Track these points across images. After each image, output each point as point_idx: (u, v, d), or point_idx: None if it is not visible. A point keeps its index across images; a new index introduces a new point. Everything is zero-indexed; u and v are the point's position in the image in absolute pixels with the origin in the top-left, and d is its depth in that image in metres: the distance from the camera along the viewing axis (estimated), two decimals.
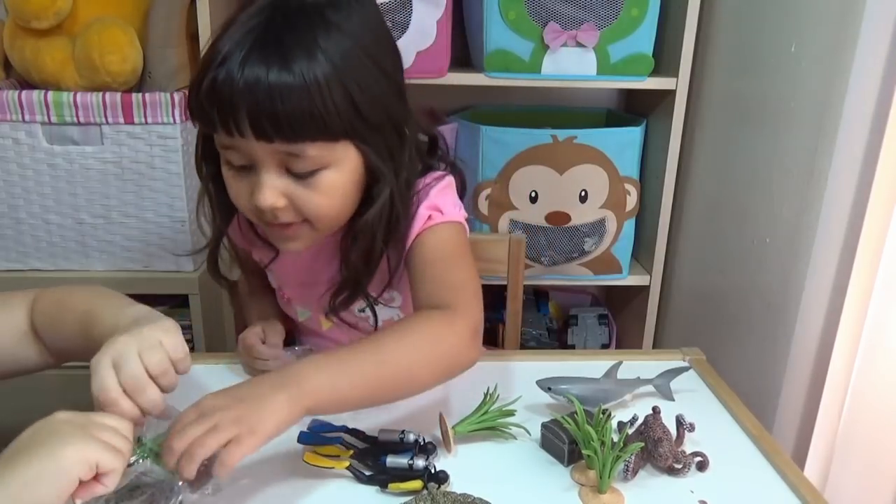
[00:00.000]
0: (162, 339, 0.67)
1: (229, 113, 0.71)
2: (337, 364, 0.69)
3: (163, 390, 0.66)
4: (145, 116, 1.29)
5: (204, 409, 0.62)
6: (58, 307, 0.81)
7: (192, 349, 1.47)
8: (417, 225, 0.85)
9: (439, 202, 0.86)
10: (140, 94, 1.29)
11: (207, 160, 0.84)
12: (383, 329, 0.79)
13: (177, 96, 1.29)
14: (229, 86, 0.70)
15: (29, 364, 0.83)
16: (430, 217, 0.85)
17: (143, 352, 0.65)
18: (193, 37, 1.37)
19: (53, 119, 1.29)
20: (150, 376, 0.65)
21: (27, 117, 1.28)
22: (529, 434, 0.81)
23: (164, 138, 1.31)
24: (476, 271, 0.86)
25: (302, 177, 0.76)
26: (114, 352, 0.65)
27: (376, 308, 0.90)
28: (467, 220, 0.91)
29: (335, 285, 0.87)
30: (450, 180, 0.91)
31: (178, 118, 1.30)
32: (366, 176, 0.80)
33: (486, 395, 0.82)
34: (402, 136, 0.82)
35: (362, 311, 0.93)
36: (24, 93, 1.27)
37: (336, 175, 0.77)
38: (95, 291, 0.82)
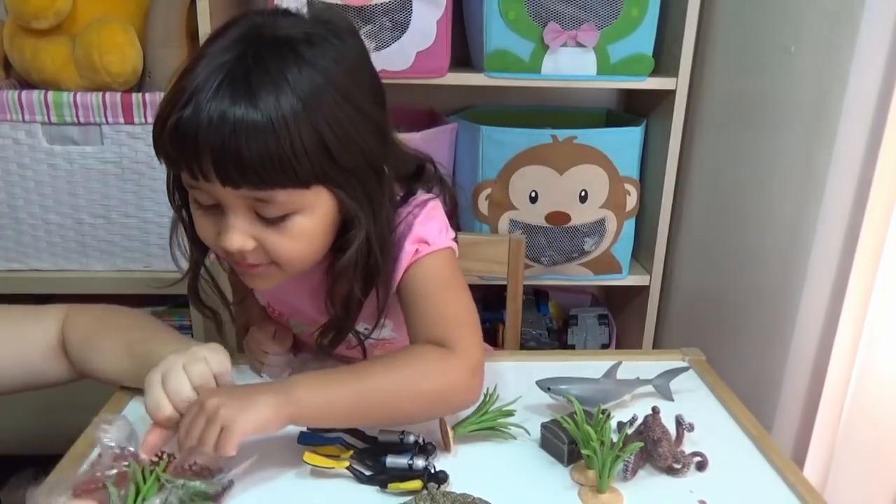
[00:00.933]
0: (207, 355, 0.74)
1: (193, 156, 0.68)
2: (326, 382, 0.73)
3: None
4: (145, 116, 1.29)
5: (202, 405, 0.68)
6: (95, 330, 0.83)
7: None
8: (405, 261, 0.81)
9: (424, 233, 0.82)
10: (140, 94, 1.29)
11: (179, 190, 0.80)
12: (380, 357, 0.78)
13: None
14: (194, 126, 0.67)
15: (51, 378, 0.85)
16: (416, 251, 0.82)
17: (188, 365, 0.71)
18: (193, 37, 1.37)
19: (53, 119, 1.29)
20: (193, 387, 0.71)
21: (27, 117, 1.28)
22: (529, 434, 0.81)
23: None
24: (470, 298, 0.84)
25: (272, 222, 0.73)
26: (163, 367, 0.72)
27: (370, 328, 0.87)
28: (456, 239, 0.88)
29: (320, 328, 0.84)
30: (434, 204, 0.87)
31: None
32: (340, 217, 0.77)
33: (485, 396, 0.82)
34: (381, 176, 0.77)
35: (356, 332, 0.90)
36: (24, 93, 1.27)
37: (307, 220, 0.74)
38: (136, 320, 0.87)
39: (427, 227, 0.83)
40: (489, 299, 1.76)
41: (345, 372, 0.74)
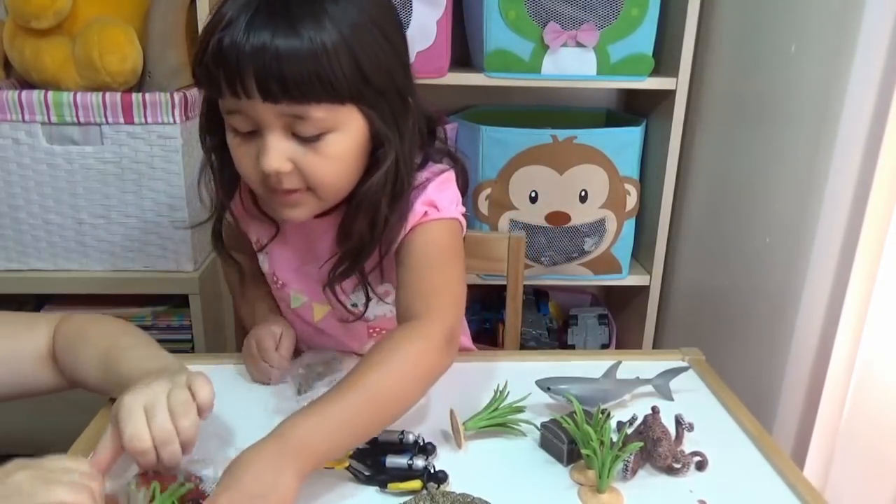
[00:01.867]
0: (193, 384, 0.69)
1: (236, 75, 0.71)
2: (331, 417, 0.69)
3: (181, 435, 0.66)
4: (145, 116, 1.29)
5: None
6: (79, 337, 0.82)
7: (192, 349, 1.48)
8: (412, 220, 0.84)
9: (436, 198, 0.86)
10: (140, 94, 1.29)
11: (211, 132, 0.84)
12: (365, 361, 0.76)
13: (177, 96, 1.29)
14: (235, 48, 0.70)
15: (42, 387, 0.84)
16: (425, 213, 0.85)
17: (171, 391, 0.67)
18: (193, 37, 1.38)
19: (53, 119, 1.29)
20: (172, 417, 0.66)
21: (27, 117, 1.28)
22: (537, 430, 0.81)
23: (164, 138, 1.31)
24: (463, 273, 0.87)
25: (308, 140, 0.76)
26: (147, 397, 0.66)
27: (371, 303, 0.90)
28: (465, 215, 0.91)
29: (336, 255, 0.87)
30: (449, 175, 0.90)
31: (178, 118, 1.30)
32: (370, 144, 0.80)
33: (496, 392, 0.82)
34: (407, 105, 0.82)
35: (354, 305, 0.93)
36: (24, 93, 1.27)
37: (341, 140, 0.77)
38: (122, 328, 0.84)
39: (440, 195, 0.86)
40: (489, 299, 1.76)
41: (343, 396, 0.71)
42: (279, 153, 0.75)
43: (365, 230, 0.83)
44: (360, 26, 0.74)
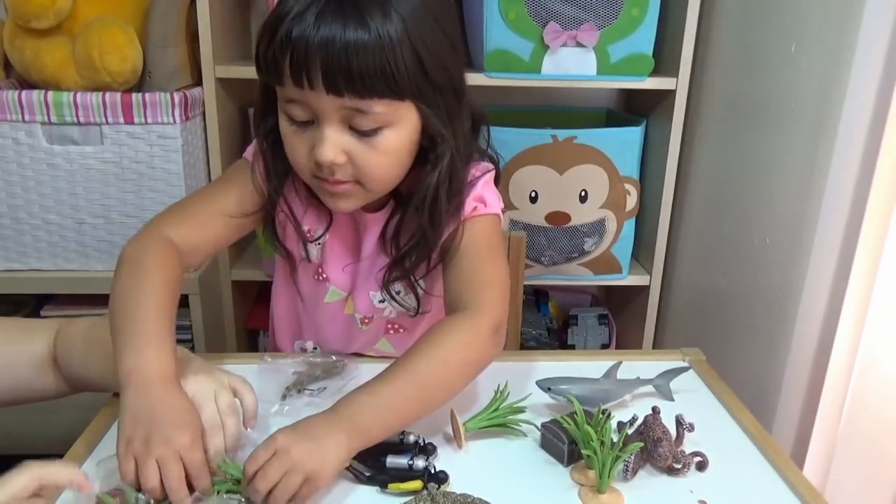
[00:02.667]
0: (237, 386, 0.73)
1: (303, 66, 0.73)
2: (381, 397, 0.72)
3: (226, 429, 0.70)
4: (145, 116, 1.29)
5: (278, 449, 0.65)
6: (83, 338, 0.82)
7: (191, 349, 1.48)
8: (463, 214, 0.87)
9: (484, 193, 0.89)
10: (140, 94, 1.29)
11: (264, 118, 0.85)
12: (416, 347, 0.77)
13: (177, 96, 1.29)
14: (304, 39, 0.72)
15: (42, 392, 0.84)
16: (475, 208, 0.88)
17: (217, 394, 0.71)
18: (193, 37, 1.37)
19: (53, 119, 1.29)
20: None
21: (27, 117, 1.28)
22: (538, 431, 0.81)
23: (164, 138, 1.31)
24: (505, 265, 0.89)
25: (364, 134, 0.77)
26: (194, 391, 0.70)
27: (397, 298, 0.94)
28: (504, 211, 0.95)
29: (389, 254, 0.89)
30: (493, 173, 0.93)
31: (178, 118, 1.30)
32: (420, 141, 0.82)
33: (496, 393, 0.82)
34: (461, 103, 0.84)
35: (382, 301, 0.95)
36: (24, 93, 1.27)
37: (396, 135, 0.79)
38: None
39: (487, 189, 0.90)
40: None
41: (393, 378, 0.74)
42: (335, 145, 0.77)
43: (427, 228, 0.85)
44: (422, 19, 0.75)
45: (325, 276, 0.97)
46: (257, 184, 0.90)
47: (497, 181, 0.95)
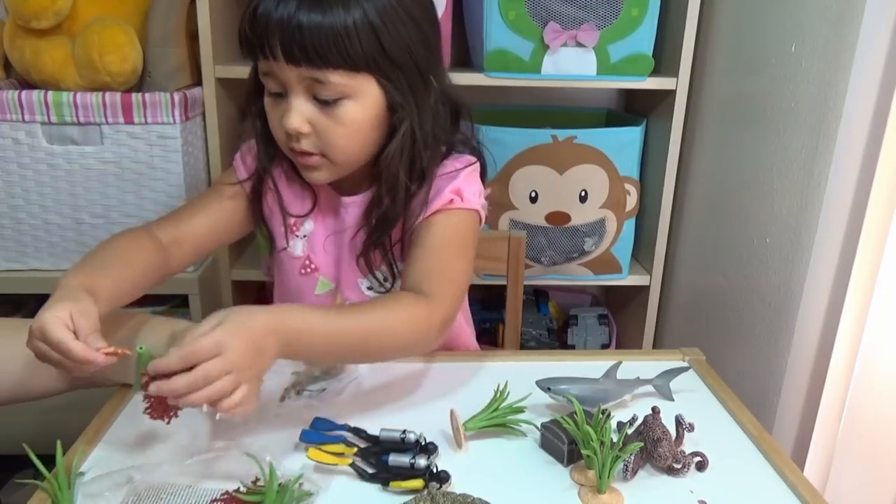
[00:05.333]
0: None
1: (265, 39, 0.80)
2: (328, 329, 0.75)
3: None
4: (145, 116, 1.29)
5: (221, 345, 0.64)
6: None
7: None
8: (438, 203, 0.89)
9: (464, 187, 0.91)
10: (140, 94, 1.29)
11: (255, 99, 0.90)
12: (375, 301, 0.85)
13: (177, 96, 1.29)
14: (266, 14, 0.79)
15: (39, 390, 0.84)
16: (451, 200, 0.90)
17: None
18: (193, 36, 1.37)
19: (53, 119, 1.29)
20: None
21: (27, 117, 1.28)
22: (537, 431, 0.81)
23: (164, 138, 1.31)
24: (470, 264, 0.92)
25: (326, 104, 0.82)
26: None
27: (381, 288, 0.96)
28: (485, 208, 0.96)
29: (365, 225, 0.93)
30: (476, 167, 0.95)
31: (178, 118, 1.30)
32: (388, 118, 0.86)
33: (496, 393, 0.82)
34: (427, 84, 0.87)
35: (370, 289, 0.97)
36: (24, 93, 1.27)
37: (357, 107, 0.83)
38: (129, 315, 0.85)
39: (467, 183, 0.92)
40: (489, 299, 1.76)
41: (340, 311, 0.79)
42: (300, 114, 0.83)
43: (386, 201, 0.89)
44: (385, 6, 0.80)
45: (313, 266, 1.00)
46: (240, 169, 0.98)
47: (483, 176, 0.98)
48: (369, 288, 0.98)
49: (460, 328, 1.11)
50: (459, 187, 0.91)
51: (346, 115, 0.83)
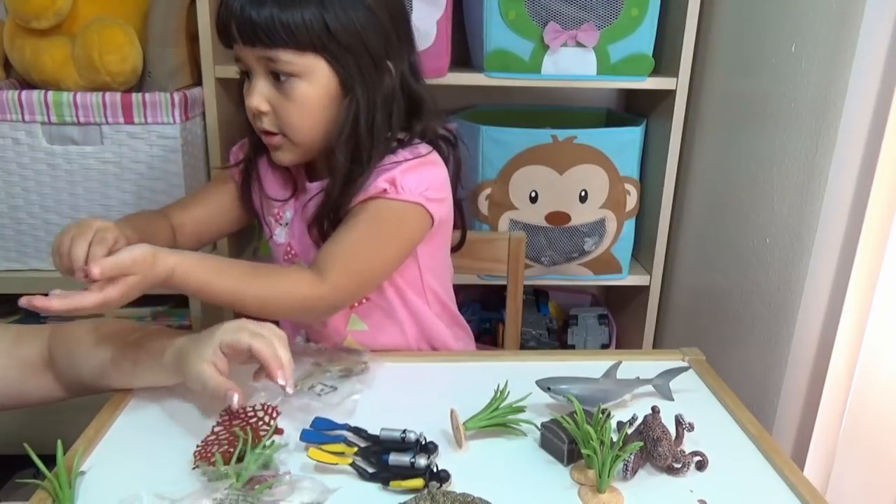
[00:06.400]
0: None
1: (227, 24, 0.88)
2: (218, 277, 0.83)
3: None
4: (145, 116, 1.29)
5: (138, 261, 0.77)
6: (83, 340, 0.82)
7: None
8: (371, 191, 0.92)
9: (402, 180, 0.92)
10: (140, 94, 1.29)
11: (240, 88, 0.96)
12: (272, 267, 0.93)
13: (177, 96, 1.29)
14: (227, 5, 0.87)
15: (35, 396, 0.84)
16: (384, 191, 0.91)
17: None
18: (193, 37, 1.37)
19: (53, 119, 1.29)
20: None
21: (27, 117, 1.28)
22: (537, 430, 0.81)
23: (164, 138, 1.31)
24: (398, 254, 0.95)
25: (280, 82, 0.89)
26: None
27: None
28: (433, 201, 0.95)
29: (323, 191, 0.96)
30: (432, 158, 0.96)
31: (178, 118, 1.30)
32: (341, 99, 0.91)
33: (496, 392, 0.82)
34: (381, 70, 0.91)
35: None
36: (24, 93, 1.27)
37: (308, 87, 0.89)
38: (129, 324, 0.88)
39: (408, 176, 0.92)
40: (489, 299, 1.76)
41: (227, 269, 0.85)
42: (259, 93, 0.90)
43: (331, 183, 0.93)
44: None
45: (293, 252, 1.04)
46: (234, 161, 1.07)
47: (456, 170, 1.00)
48: None
49: (448, 333, 1.10)
50: (395, 177, 0.92)
51: (297, 92, 0.89)
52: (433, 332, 1.08)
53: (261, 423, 0.79)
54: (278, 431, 0.79)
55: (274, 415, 0.81)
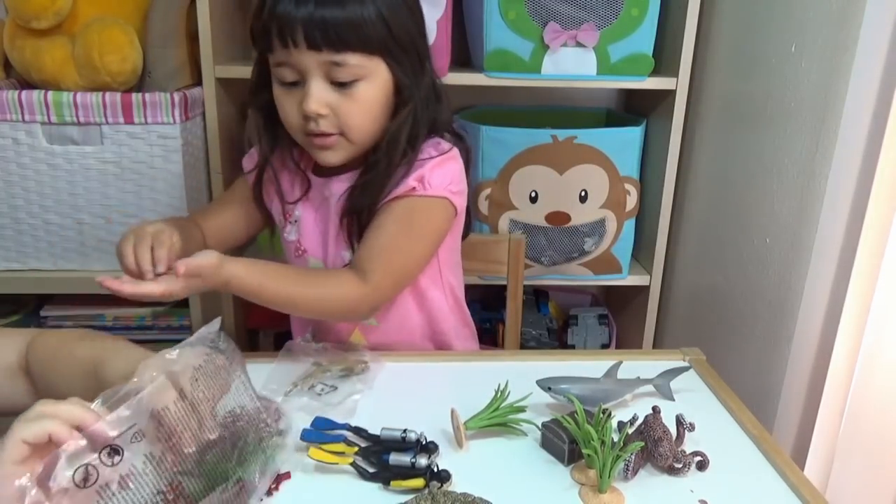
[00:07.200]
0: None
1: (287, 29, 0.87)
2: (274, 281, 0.88)
3: None
4: (145, 116, 1.29)
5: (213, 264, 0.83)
6: (60, 349, 0.78)
7: None
8: (401, 189, 0.95)
9: (430, 176, 0.96)
10: (140, 94, 1.29)
11: (258, 93, 0.98)
12: (320, 272, 0.99)
13: (177, 96, 1.29)
14: (287, 9, 0.87)
15: (13, 401, 0.79)
16: (413, 188, 0.95)
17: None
18: (193, 37, 1.37)
19: (53, 119, 1.29)
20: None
21: (27, 117, 1.28)
22: (538, 430, 0.81)
23: (164, 138, 1.31)
24: (423, 252, 0.99)
25: (342, 86, 0.91)
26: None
27: None
28: (458, 193, 0.99)
29: (357, 185, 0.98)
30: (453, 154, 0.99)
31: (178, 118, 1.30)
32: (393, 98, 0.94)
33: (497, 392, 0.82)
34: (423, 67, 0.96)
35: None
36: (24, 93, 1.27)
37: (370, 87, 0.92)
38: (99, 335, 0.83)
39: (435, 172, 0.96)
40: (489, 299, 1.76)
41: (280, 275, 0.90)
42: (319, 98, 0.90)
43: (374, 175, 0.95)
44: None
45: (303, 249, 1.05)
46: (247, 167, 1.08)
47: (467, 161, 1.03)
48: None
49: (456, 332, 1.12)
50: (424, 175, 0.95)
51: (360, 94, 0.91)
52: (444, 326, 1.10)
53: (262, 424, 0.79)
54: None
55: (277, 416, 0.81)
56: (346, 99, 0.91)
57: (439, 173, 0.96)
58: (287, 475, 0.73)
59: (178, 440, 0.61)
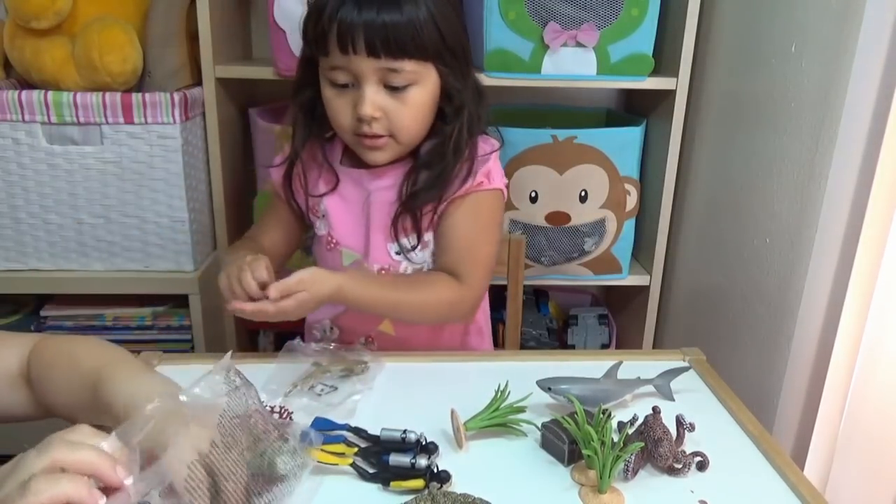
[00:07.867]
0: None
1: (348, 36, 0.91)
2: (377, 290, 0.96)
3: None
4: (145, 116, 1.29)
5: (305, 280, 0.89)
6: (60, 357, 0.76)
7: (191, 349, 1.48)
8: (471, 183, 1.00)
9: (492, 168, 1.03)
10: (140, 94, 1.29)
11: (302, 91, 1.02)
12: (418, 278, 1.03)
13: (177, 96, 1.29)
14: (349, 15, 0.90)
15: (13, 410, 0.75)
16: (481, 183, 1.01)
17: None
18: (193, 37, 1.37)
19: (53, 119, 1.29)
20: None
21: (27, 117, 1.28)
22: (538, 430, 0.81)
23: (164, 138, 1.32)
24: (497, 243, 1.06)
25: (396, 90, 0.94)
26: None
27: (410, 254, 1.04)
28: (507, 186, 1.07)
29: (403, 199, 1.02)
30: (497, 152, 1.06)
31: (178, 118, 1.30)
32: (440, 100, 0.99)
33: (497, 392, 0.82)
34: (470, 69, 1.01)
35: (398, 253, 1.05)
36: (24, 93, 1.27)
37: (422, 92, 0.96)
38: (103, 347, 0.78)
39: (495, 165, 1.04)
40: (489, 299, 1.76)
41: (383, 283, 0.98)
42: (373, 101, 0.94)
43: (428, 174, 1.00)
44: (441, 3, 0.94)
45: (334, 242, 1.08)
46: (274, 175, 1.10)
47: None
48: (398, 253, 1.05)
49: (481, 334, 1.17)
50: (489, 169, 1.02)
51: (413, 98, 0.95)
52: (475, 337, 1.16)
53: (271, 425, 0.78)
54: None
55: (287, 418, 0.81)
56: (398, 103, 0.95)
57: (496, 166, 1.04)
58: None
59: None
